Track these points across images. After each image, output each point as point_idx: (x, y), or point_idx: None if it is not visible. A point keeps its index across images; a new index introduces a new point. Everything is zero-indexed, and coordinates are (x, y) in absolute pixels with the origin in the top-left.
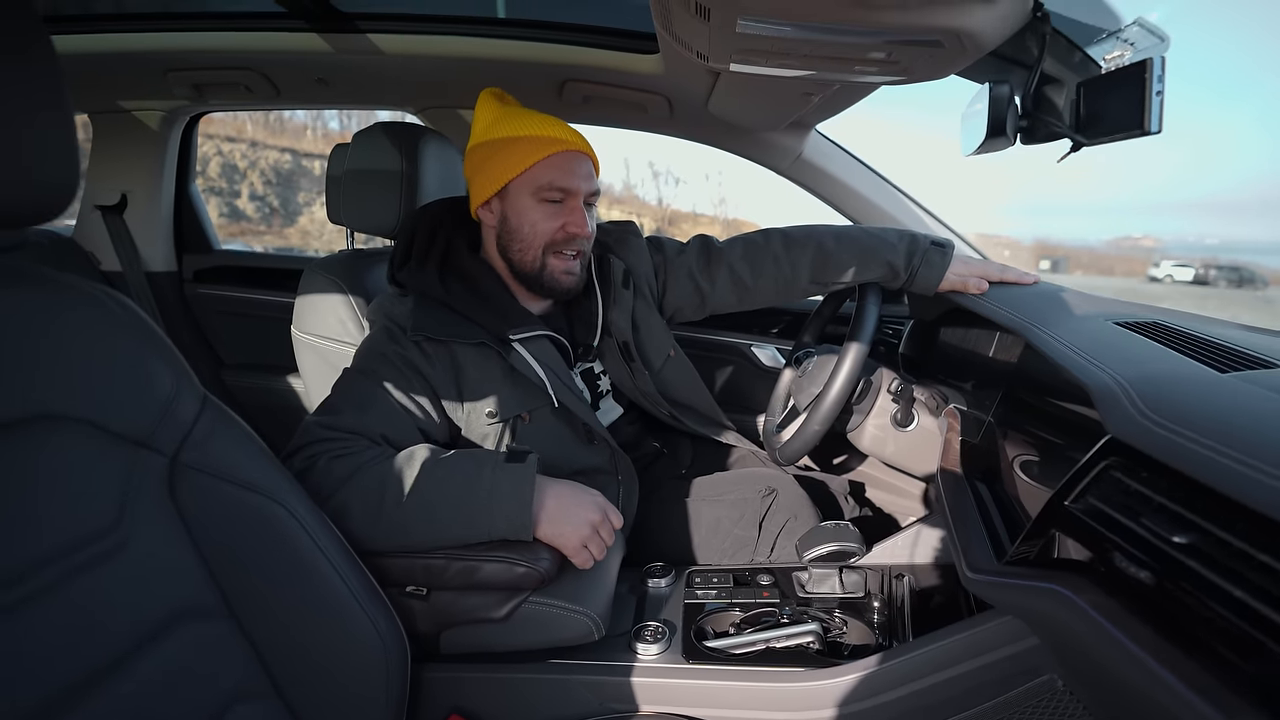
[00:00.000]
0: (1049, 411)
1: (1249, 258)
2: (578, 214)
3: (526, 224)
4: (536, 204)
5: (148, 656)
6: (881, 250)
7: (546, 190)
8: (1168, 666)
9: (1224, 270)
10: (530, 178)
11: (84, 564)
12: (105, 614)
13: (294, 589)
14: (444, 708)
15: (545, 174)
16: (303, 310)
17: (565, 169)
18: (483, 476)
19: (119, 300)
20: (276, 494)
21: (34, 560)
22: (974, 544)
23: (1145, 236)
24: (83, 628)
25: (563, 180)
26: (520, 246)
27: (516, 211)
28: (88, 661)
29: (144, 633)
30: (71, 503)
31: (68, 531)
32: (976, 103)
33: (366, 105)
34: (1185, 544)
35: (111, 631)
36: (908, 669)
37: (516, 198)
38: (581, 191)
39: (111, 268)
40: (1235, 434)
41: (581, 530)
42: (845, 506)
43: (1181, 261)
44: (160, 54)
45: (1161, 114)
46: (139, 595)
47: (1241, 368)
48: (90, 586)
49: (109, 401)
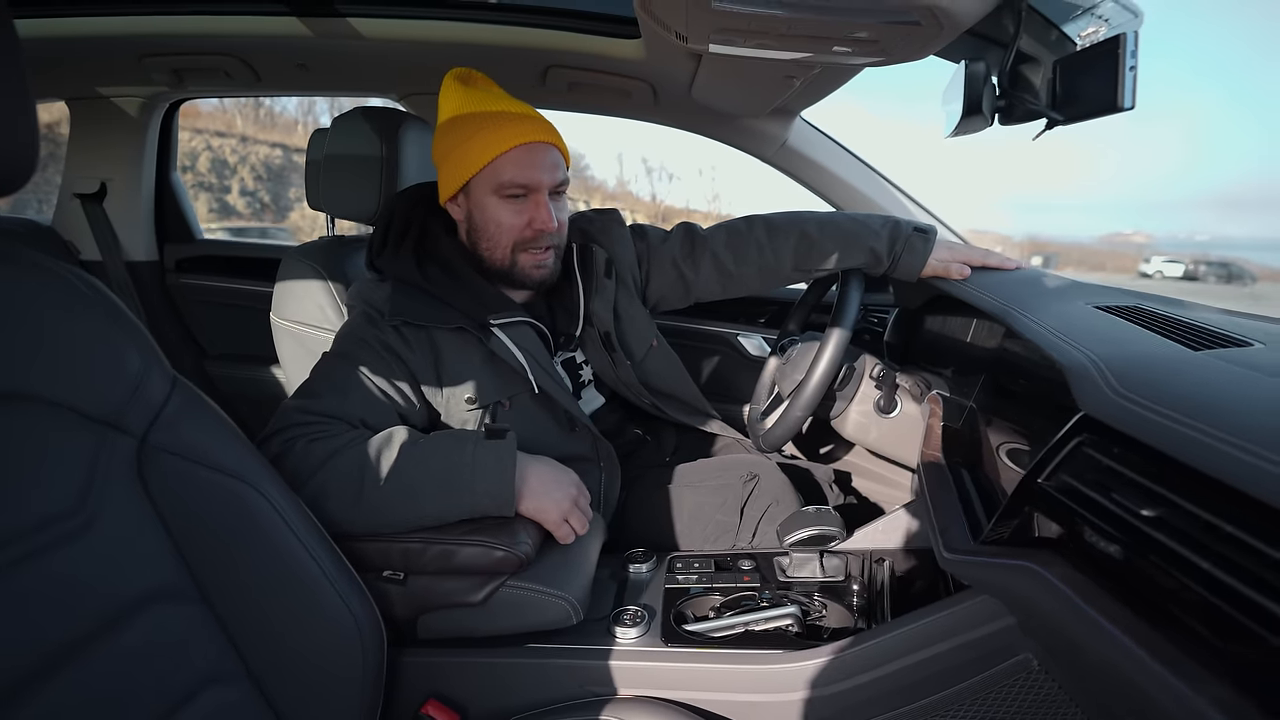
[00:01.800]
0: (1028, 396)
1: (1238, 254)
2: (543, 209)
3: (491, 223)
4: (500, 201)
5: (116, 639)
6: (864, 236)
7: (508, 187)
8: (1135, 639)
9: (1213, 266)
10: (491, 174)
11: (49, 543)
12: (71, 595)
13: (267, 573)
14: (421, 693)
15: (506, 170)
16: (282, 297)
17: (526, 163)
18: (464, 452)
19: (86, 280)
20: (248, 477)
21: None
22: (952, 526)
23: (1136, 233)
24: (48, 608)
25: (524, 176)
26: (488, 245)
27: (480, 209)
28: (52, 642)
29: (112, 615)
30: (35, 481)
31: (32, 510)
32: (952, 84)
33: (349, 91)
34: (1154, 518)
35: (78, 612)
36: (885, 650)
37: (479, 195)
38: (545, 185)
39: (91, 257)
40: (1205, 409)
41: (563, 504)
42: (830, 494)
43: (1172, 258)
44: (136, 38)
45: (1135, 90)
46: (107, 577)
47: (1215, 346)
48: (56, 566)
49: (74, 381)
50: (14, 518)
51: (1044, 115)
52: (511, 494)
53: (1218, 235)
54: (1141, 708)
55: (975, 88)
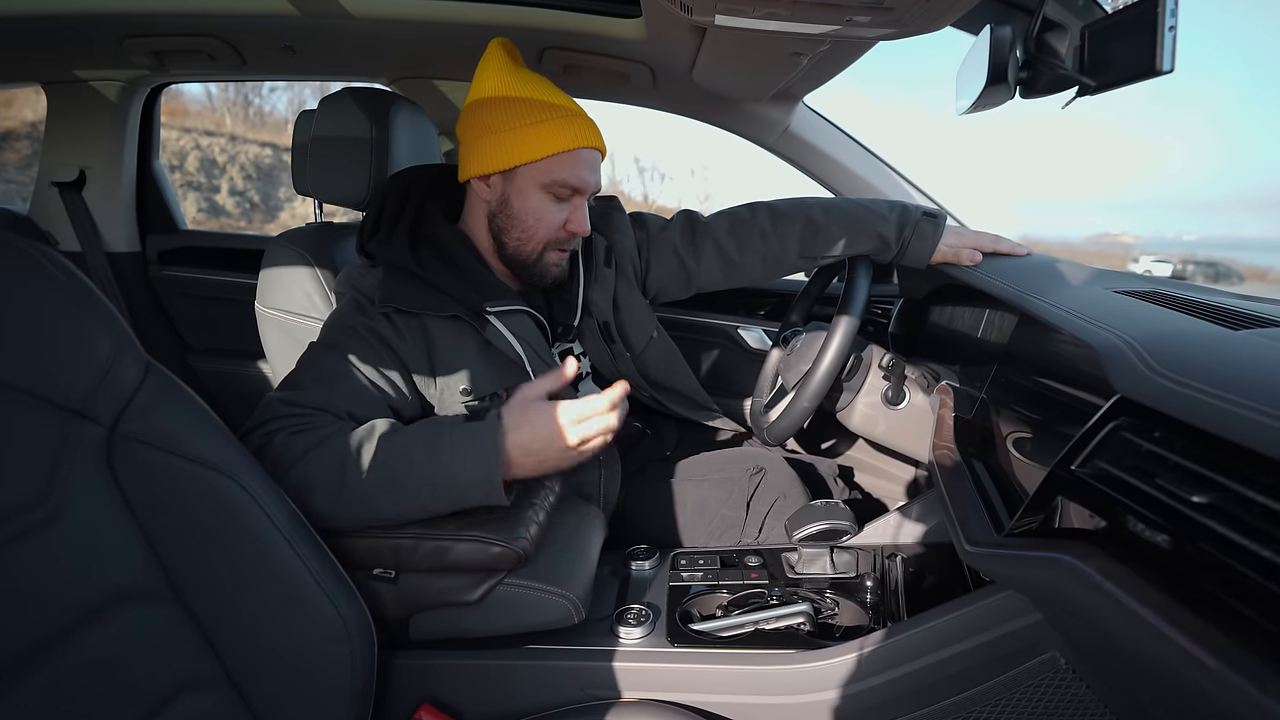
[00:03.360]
0: (1045, 384)
1: (1225, 253)
2: (581, 213)
3: (531, 215)
4: (546, 196)
5: (82, 641)
6: (872, 222)
7: (559, 186)
8: (1185, 631)
9: (1201, 266)
10: (545, 168)
11: (11, 536)
12: (35, 592)
13: (247, 571)
14: (414, 697)
15: (563, 169)
16: (267, 285)
17: (585, 167)
18: (442, 439)
19: (57, 261)
20: (228, 469)
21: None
22: (972, 518)
23: (1124, 233)
24: (10, 606)
25: (578, 179)
26: (520, 235)
27: (521, 197)
28: (15, 643)
29: (79, 615)
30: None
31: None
32: (972, 54)
33: (337, 76)
34: (1205, 504)
35: (43, 611)
36: (903, 649)
37: (524, 184)
38: (590, 191)
39: (70, 248)
40: (1257, 386)
41: (566, 454)
42: (834, 489)
43: (1160, 257)
44: (117, 18)
45: (1175, 52)
46: (73, 574)
47: (1254, 326)
48: (18, 562)
49: (39, 365)
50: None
51: (1075, 82)
52: (498, 480)
53: (1205, 235)
54: (1188, 708)
55: (1000, 54)
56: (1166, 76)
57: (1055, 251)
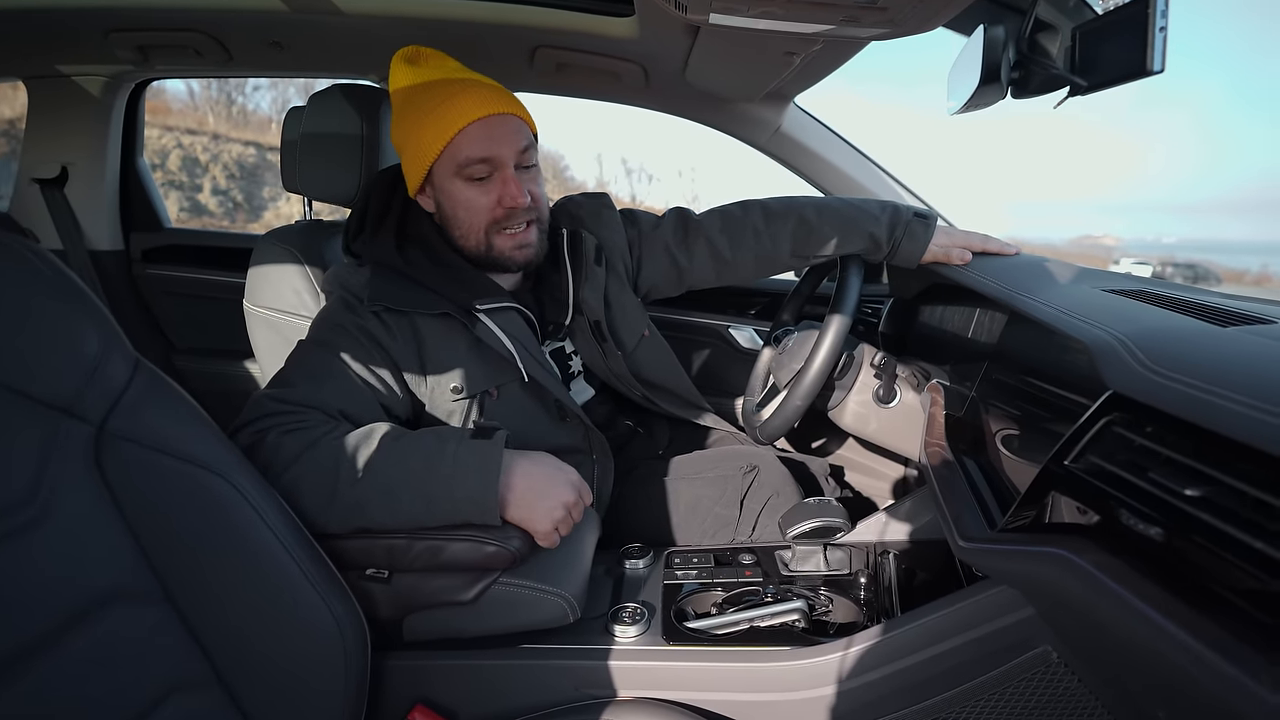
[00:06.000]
0: (1034, 383)
1: (1204, 256)
2: (510, 184)
3: (460, 208)
4: (464, 184)
5: (72, 642)
6: (863, 222)
7: (469, 166)
8: (1180, 623)
9: (1180, 267)
10: (449, 157)
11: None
12: (23, 592)
13: (238, 571)
14: (408, 698)
15: (464, 148)
16: (256, 282)
17: (485, 137)
18: (445, 452)
19: (43, 256)
20: (219, 467)
21: None
22: (965, 514)
23: (1106, 235)
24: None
25: (484, 150)
26: (461, 232)
27: (447, 196)
28: (2, 645)
29: (67, 616)
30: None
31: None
32: (965, 54)
33: (326, 73)
34: (1197, 497)
35: (30, 613)
36: (897, 645)
37: (442, 182)
38: (508, 157)
39: (52, 246)
40: (1248, 381)
41: (555, 512)
42: (826, 487)
43: (1141, 259)
44: (102, 11)
45: (1165, 53)
46: (62, 573)
47: (1242, 323)
48: (5, 563)
49: (25, 362)
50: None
51: (1066, 82)
52: (494, 502)
53: (1184, 238)
54: (1181, 698)
55: (994, 54)
56: (1152, 78)
57: (1038, 253)
